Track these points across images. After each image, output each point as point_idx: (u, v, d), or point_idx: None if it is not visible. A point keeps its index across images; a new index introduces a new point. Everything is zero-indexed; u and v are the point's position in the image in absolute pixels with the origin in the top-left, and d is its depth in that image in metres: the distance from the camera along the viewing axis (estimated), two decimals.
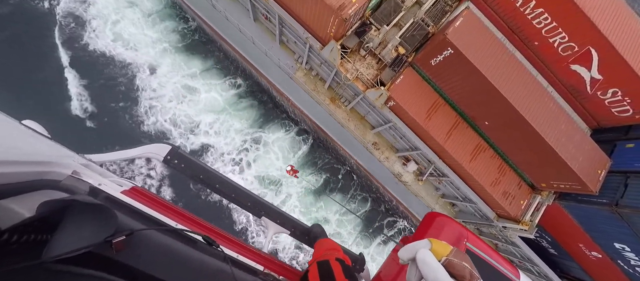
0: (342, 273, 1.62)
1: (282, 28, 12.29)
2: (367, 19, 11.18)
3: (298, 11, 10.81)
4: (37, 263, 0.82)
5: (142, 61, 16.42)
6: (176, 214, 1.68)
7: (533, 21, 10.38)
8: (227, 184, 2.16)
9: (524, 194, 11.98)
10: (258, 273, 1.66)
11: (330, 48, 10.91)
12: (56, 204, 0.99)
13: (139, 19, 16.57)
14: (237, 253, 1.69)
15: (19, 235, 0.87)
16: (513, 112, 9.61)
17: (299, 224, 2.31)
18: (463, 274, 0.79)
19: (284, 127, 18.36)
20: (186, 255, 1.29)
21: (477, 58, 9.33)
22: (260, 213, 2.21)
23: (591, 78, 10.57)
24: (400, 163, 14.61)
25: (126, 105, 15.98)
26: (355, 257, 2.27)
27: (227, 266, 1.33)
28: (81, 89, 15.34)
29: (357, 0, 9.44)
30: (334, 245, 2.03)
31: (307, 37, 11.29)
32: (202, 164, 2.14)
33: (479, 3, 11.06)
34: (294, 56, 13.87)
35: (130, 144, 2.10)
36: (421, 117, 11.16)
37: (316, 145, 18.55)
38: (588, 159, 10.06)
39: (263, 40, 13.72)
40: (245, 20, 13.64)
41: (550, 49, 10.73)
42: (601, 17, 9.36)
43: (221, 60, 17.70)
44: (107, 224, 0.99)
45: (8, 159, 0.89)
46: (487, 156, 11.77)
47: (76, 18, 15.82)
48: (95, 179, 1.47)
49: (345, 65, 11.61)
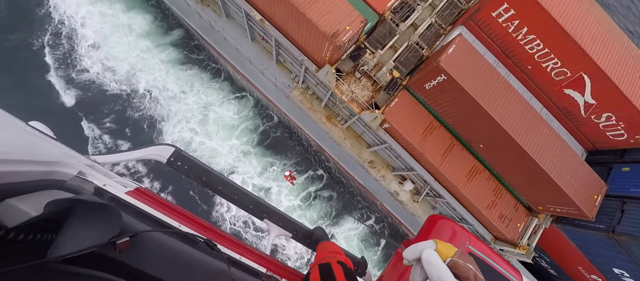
0: (343, 276, 1.60)
1: (279, 49, 12.46)
2: (362, 43, 11.33)
3: (294, 35, 10.98)
4: (42, 263, 0.83)
5: None
6: (180, 216, 1.69)
7: (525, 46, 10.50)
8: (229, 186, 2.17)
9: (520, 216, 11.88)
10: (260, 275, 1.67)
11: (325, 71, 11.03)
12: (62, 203, 1.01)
13: None
14: (240, 254, 1.70)
15: (25, 233, 0.87)
16: (507, 138, 9.62)
17: (301, 227, 2.30)
18: (467, 275, 0.79)
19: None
20: (189, 256, 1.30)
21: (470, 84, 9.40)
22: (262, 215, 2.21)
23: (585, 102, 10.62)
24: (396, 182, 14.55)
25: None
26: (357, 261, 2.25)
27: (230, 268, 1.34)
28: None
29: (351, 27, 9.60)
30: (336, 248, 2.01)
31: (303, 60, 11.43)
32: (204, 166, 2.15)
33: (472, 27, 11.20)
34: (290, 75, 14.01)
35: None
36: (416, 140, 11.17)
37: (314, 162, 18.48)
38: (584, 184, 10.01)
39: (260, 60, 13.89)
40: (243, 39, 13.85)
41: (544, 73, 10.82)
42: (593, 45, 9.46)
43: None
44: (111, 225, 1.01)
45: (15, 159, 0.90)
46: (483, 178, 11.72)
47: (68, 36, 15.97)
48: (100, 180, 1.48)
49: (341, 87, 11.71)
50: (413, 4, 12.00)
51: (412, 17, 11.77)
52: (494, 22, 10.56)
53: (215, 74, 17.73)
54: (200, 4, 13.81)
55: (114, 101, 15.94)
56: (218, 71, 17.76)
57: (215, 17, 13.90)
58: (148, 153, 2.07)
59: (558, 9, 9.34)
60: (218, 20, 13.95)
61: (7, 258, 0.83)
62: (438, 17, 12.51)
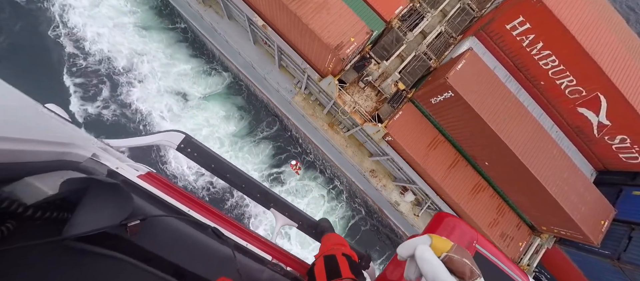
0: (348, 268, 1.60)
1: (281, 54, 12.12)
2: (367, 53, 10.91)
3: (297, 43, 10.62)
4: (57, 240, 0.89)
5: None
6: (189, 201, 1.71)
7: (539, 62, 9.97)
8: (237, 174, 2.21)
9: (523, 235, 11.64)
10: (266, 262, 1.71)
11: (327, 82, 10.71)
12: (77, 183, 1.05)
13: None
14: (247, 241, 1.73)
15: (42, 211, 0.91)
16: (514, 159, 9.28)
17: (307, 217, 2.33)
18: (463, 270, 0.76)
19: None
20: (197, 240, 1.36)
21: (478, 103, 9.01)
22: (269, 204, 2.25)
23: (599, 123, 10.13)
24: (397, 192, 14.36)
25: None
26: (361, 254, 2.25)
27: (236, 254, 1.37)
28: None
29: (356, 39, 9.21)
30: (341, 240, 2.02)
31: (306, 68, 11.10)
32: (213, 153, 2.19)
33: (483, 38, 10.66)
34: (293, 80, 13.69)
35: None
36: (419, 155, 10.89)
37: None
38: (591, 209, 9.67)
39: (262, 64, 13.58)
40: (245, 42, 13.51)
41: (557, 90, 10.31)
42: (612, 65, 8.91)
43: None
44: (123, 207, 1.05)
45: (32, 138, 0.93)
46: (486, 196, 11.44)
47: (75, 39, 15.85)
48: (113, 163, 1.51)
49: (343, 97, 11.39)
50: (423, 11, 11.44)
51: (421, 25, 11.23)
52: (507, 34, 10.02)
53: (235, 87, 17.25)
54: (202, 5, 13.44)
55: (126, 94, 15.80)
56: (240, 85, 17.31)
57: (217, 18, 13.54)
58: (159, 138, 2.12)
59: (578, 25, 8.78)
60: (220, 22, 13.60)
61: (25, 234, 0.87)
62: (448, 25, 11.93)
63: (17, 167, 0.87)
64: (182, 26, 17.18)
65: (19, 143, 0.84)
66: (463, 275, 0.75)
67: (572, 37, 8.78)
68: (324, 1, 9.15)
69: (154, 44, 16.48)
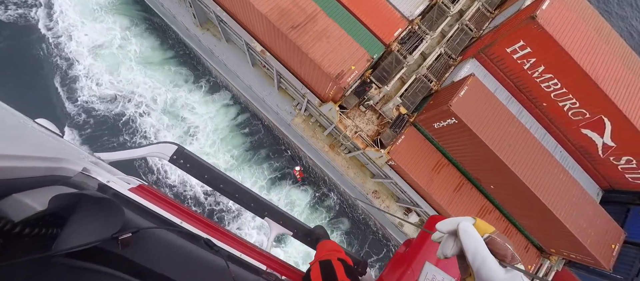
0: (344, 273, 1.60)
1: (280, 78, 11.98)
2: (367, 78, 10.79)
3: (296, 70, 10.49)
4: (46, 256, 0.87)
5: None
6: (182, 213, 1.70)
7: (541, 84, 9.91)
8: (231, 184, 2.19)
9: (531, 258, 11.37)
10: (261, 272, 1.69)
11: (328, 108, 10.55)
12: (66, 198, 1.02)
13: None
14: (241, 252, 1.72)
15: (31, 227, 0.89)
16: (521, 185, 9.08)
17: (302, 225, 2.33)
18: (505, 253, 0.76)
19: None
20: (190, 252, 1.33)
21: (482, 129, 8.86)
22: (263, 213, 2.23)
23: (604, 144, 10.03)
24: (401, 212, 14.08)
25: None
26: (357, 260, 2.24)
27: (230, 265, 1.36)
28: None
29: (356, 67, 9.09)
30: (336, 247, 2.02)
31: (306, 93, 10.95)
32: (206, 164, 2.17)
33: (484, 61, 10.62)
34: (293, 101, 13.53)
35: None
36: (423, 179, 10.66)
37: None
38: (601, 233, 9.46)
39: (261, 86, 13.42)
40: (243, 64, 13.38)
41: (560, 111, 10.23)
42: (615, 88, 8.86)
43: None
44: (114, 220, 1.03)
45: (22, 155, 0.91)
46: (493, 218, 11.20)
47: None
48: (104, 177, 1.49)
49: (344, 121, 11.21)
50: (422, 33, 11.40)
51: (421, 47, 11.17)
52: (508, 57, 9.97)
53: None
54: (199, 28, 13.34)
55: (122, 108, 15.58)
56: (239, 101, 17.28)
57: (215, 41, 13.44)
58: (151, 150, 2.11)
59: (579, 50, 8.74)
60: (218, 45, 13.49)
61: (13, 252, 0.84)
62: (448, 46, 11.90)
63: (5, 183, 0.85)
64: (181, 51, 17.04)
65: (8, 160, 0.83)
66: (504, 258, 0.75)
67: (574, 62, 8.73)
68: (324, 29, 9.06)
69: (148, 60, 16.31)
